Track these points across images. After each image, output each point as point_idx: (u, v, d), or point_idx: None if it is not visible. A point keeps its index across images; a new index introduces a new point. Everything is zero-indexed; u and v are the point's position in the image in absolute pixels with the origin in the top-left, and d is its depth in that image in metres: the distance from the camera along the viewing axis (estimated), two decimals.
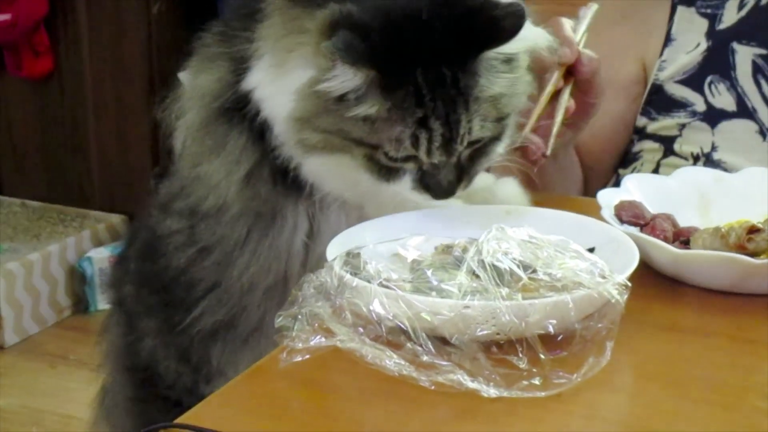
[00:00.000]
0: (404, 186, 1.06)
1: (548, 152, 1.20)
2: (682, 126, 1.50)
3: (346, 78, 1.00)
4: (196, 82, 1.18)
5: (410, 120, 1.01)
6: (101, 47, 3.25)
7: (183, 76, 1.24)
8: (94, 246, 3.21)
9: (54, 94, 3.33)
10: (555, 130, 1.22)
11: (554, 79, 1.23)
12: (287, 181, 1.13)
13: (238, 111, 1.12)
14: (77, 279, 3.14)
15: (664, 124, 1.52)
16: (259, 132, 1.11)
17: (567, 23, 1.24)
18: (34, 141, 3.41)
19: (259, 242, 1.15)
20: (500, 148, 1.10)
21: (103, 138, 3.33)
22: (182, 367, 1.26)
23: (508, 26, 1.02)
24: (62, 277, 3.11)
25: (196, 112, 1.17)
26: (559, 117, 1.23)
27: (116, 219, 3.31)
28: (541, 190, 1.26)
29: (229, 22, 1.17)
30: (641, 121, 1.54)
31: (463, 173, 1.07)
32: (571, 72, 1.24)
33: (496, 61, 1.04)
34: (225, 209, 1.15)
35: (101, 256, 3.13)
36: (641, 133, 1.55)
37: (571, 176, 1.52)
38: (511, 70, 1.06)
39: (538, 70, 1.16)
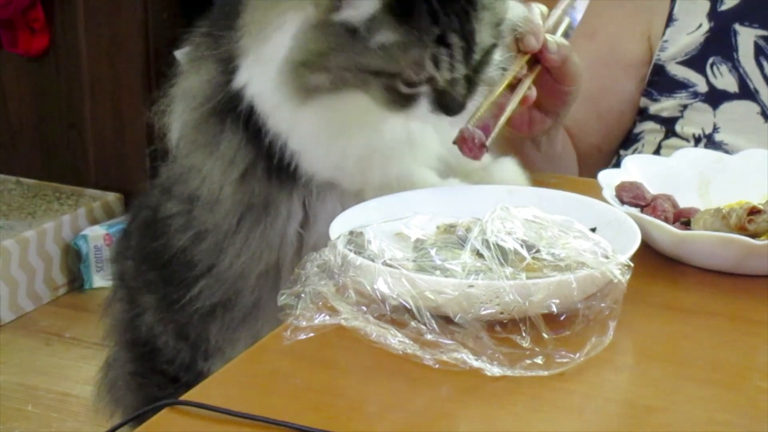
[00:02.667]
0: (420, 111, 1.06)
1: (488, 143, 1.11)
2: (684, 107, 1.50)
3: (359, 5, 0.99)
4: (186, 83, 1.18)
5: (428, 39, 1.01)
6: (97, 24, 3.24)
7: (179, 54, 1.23)
8: (89, 224, 3.21)
9: (50, 71, 3.32)
10: (502, 120, 1.14)
11: (515, 67, 1.17)
12: (282, 175, 1.12)
13: (232, 111, 1.12)
14: (72, 256, 3.13)
15: (665, 105, 1.51)
16: (254, 131, 1.11)
17: (537, 9, 1.21)
18: (30, 118, 3.40)
19: (250, 232, 1.15)
20: (497, 56, 1.10)
21: (99, 116, 3.32)
22: (180, 343, 1.27)
23: None
24: (57, 255, 3.11)
25: (187, 114, 1.17)
26: (509, 107, 1.16)
27: (111, 197, 3.30)
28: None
29: (215, 21, 1.17)
30: (643, 101, 1.54)
31: (471, 85, 1.07)
32: (537, 60, 1.21)
33: None
34: (219, 203, 1.16)
35: (96, 234, 3.12)
36: (643, 114, 1.54)
37: (560, 166, 1.47)
38: None
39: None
